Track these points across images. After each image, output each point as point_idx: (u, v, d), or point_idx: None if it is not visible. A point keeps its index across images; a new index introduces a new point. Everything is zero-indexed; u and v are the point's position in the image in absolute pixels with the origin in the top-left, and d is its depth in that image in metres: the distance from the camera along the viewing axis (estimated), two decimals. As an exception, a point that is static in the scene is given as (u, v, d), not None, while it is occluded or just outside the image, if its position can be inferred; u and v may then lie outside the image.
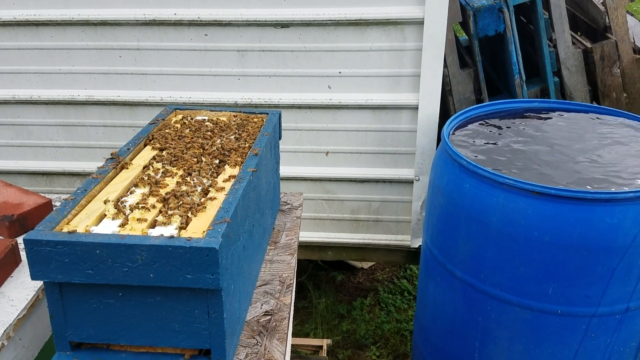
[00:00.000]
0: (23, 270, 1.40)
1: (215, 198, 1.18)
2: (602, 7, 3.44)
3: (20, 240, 1.53)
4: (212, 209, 1.15)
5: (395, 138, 2.41)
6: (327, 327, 2.85)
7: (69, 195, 1.15)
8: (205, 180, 1.27)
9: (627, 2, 3.21)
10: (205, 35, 2.30)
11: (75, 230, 1.03)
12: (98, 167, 1.27)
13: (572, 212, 1.63)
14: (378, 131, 2.41)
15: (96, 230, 1.06)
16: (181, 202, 1.14)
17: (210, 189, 1.23)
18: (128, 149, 1.38)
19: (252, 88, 2.38)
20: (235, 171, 1.31)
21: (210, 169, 1.32)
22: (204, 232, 1.06)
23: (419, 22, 2.18)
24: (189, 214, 1.11)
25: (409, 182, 2.47)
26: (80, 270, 1.01)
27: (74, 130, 2.53)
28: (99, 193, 1.20)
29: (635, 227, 1.61)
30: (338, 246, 2.67)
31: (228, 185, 1.25)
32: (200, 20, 2.27)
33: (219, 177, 1.29)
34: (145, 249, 0.99)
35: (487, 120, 2.16)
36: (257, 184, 1.34)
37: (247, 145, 1.45)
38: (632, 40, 3.34)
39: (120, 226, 1.08)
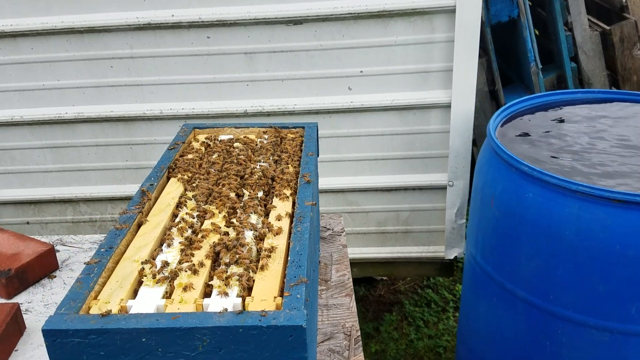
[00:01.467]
0: (30, 341, 1.14)
1: (275, 247, 0.93)
2: (616, -14, 3.25)
3: (21, 299, 1.26)
4: (275, 261, 0.90)
5: (424, 140, 2.18)
6: (355, 349, 2.61)
7: (91, 257, 0.89)
8: (255, 221, 1.02)
9: (646, -21, 3.03)
10: (208, 37, 2.04)
11: (110, 310, 0.77)
12: (120, 213, 1.01)
13: (661, 221, 1.42)
14: (405, 134, 2.18)
15: (135, 306, 0.80)
16: (237, 257, 0.89)
17: (265, 231, 0.99)
18: (151, 184, 1.12)
19: (263, 94, 2.13)
20: (288, 206, 1.07)
21: (257, 205, 1.07)
22: (275, 297, 0.81)
23: (450, 11, 1.95)
24: (250, 272, 0.87)
25: (442, 188, 2.25)
26: (120, 366, 0.75)
27: (63, 152, 2.24)
28: (126, 249, 0.94)
29: None
30: (364, 262, 2.44)
31: (285, 226, 1.00)
32: (202, 21, 2.00)
33: (270, 215, 1.04)
34: (207, 332, 0.74)
35: (535, 115, 1.94)
36: (313, 218, 1.10)
37: (291, 169, 1.20)
38: (650, 20, 3.17)
39: (165, 297, 0.83)
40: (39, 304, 1.26)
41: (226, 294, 0.82)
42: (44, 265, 1.33)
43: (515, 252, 1.67)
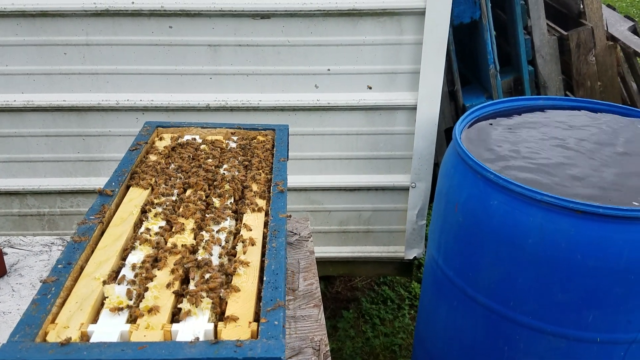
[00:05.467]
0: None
1: (247, 263, 0.89)
2: (574, -8, 3.32)
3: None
4: (249, 280, 0.86)
5: (389, 141, 2.17)
6: (312, 347, 2.60)
7: (47, 275, 0.82)
8: (225, 235, 0.97)
9: (603, -12, 3.10)
10: (170, 27, 1.95)
11: (70, 338, 0.71)
12: (77, 223, 0.94)
13: (620, 233, 1.45)
14: (371, 134, 2.15)
15: (97, 332, 0.75)
16: (208, 276, 0.84)
17: (237, 246, 0.94)
18: (112, 190, 1.05)
19: (227, 88, 2.06)
20: (261, 217, 1.02)
21: (228, 216, 1.01)
22: (250, 322, 0.77)
23: (420, 13, 1.93)
24: (221, 294, 0.82)
25: (404, 189, 2.24)
26: (81, 399, 0.69)
27: (10, 142, 2.10)
28: (85, 264, 0.88)
29: (687, 246, 1.46)
30: (324, 261, 2.41)
31: (258, 238, 0.96)
32: (164, 10, 1.91)
33: (241, 227, 0.99)
34: (178, 364, 0.69)
35: (500, 120, 1.95)
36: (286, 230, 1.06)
37: (263, 175, 1.15)
38: (605, 27, 3.26)
39: (130, 321, 0.77)
40: (-15, 314, 1.17)
41: (194, 315, 0.77)
42: (-10, 271, 1.24)
43: (477, 258, 1.68)
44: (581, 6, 3.22)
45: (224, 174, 1.15)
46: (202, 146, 1.27)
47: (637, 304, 1.53)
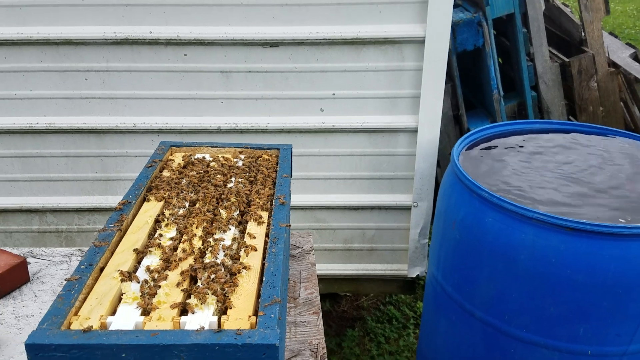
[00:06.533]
0: (1, 353, 1.15)
1: (250, 265, 0.98)
2: (576, 20, 3.43)
3: None
4: (250, 281, 0.95)
5: (391, 162, 2.26)
6: (318, 364, 2.66)
7: (72, 274, 0.92)
8: (230, 241, 1.06)
9: (602, 16, 3.21)
10: (185, 55, 2.08)
11: (91, 326, 0.81)
12: (99, 231, 1.04)
13: (608, 249, 1.53)
14: (374, 155, 2.25)
15: (114, 322, 0.84)
16: (213, 276, 0.94)
17: (240, 252, 1.03)
18: (129, 202, 1.15)
19: (238, 112, 2.18)
20: (263, 226, 1.12)
21: (233, 225, 1.11)
22: (250, 316, 0.86)
23: (420, 41, 2.04)
24: (225, 292, 0.91)
25: (406, 209, 2.33)
26: (100, 380, 0.79)
27: (32, 162, 2.23)
28: (106, 266, 0.98)
29: (672, 262, 1.53)
30: (329, 278, 2.49)
31: (260, 245, 1.05)
32: (180, 39, 2.04)
33: (245, 235, 1.09)
34: (185, 349, 0.78)
35: (497, 142, 2.04)
36: (287, 239, 1.15)
37: (266, 190, 1.25)
38: (606, 54, 3.35)
39: (143, 314, 0.87)
40: (10, 316, 1.27)
41: (200, 309, 0.86)
42: (15, 278, 1.34)
43: (474, 274, 1.76)
44: (582, 34, 3.33)
45: (231, 188, 1.25)
46: (212, 164, 1.37)
47: (625, 317, 1.59)
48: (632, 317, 1.59)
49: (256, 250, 1.04)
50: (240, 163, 1.39)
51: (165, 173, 1.31)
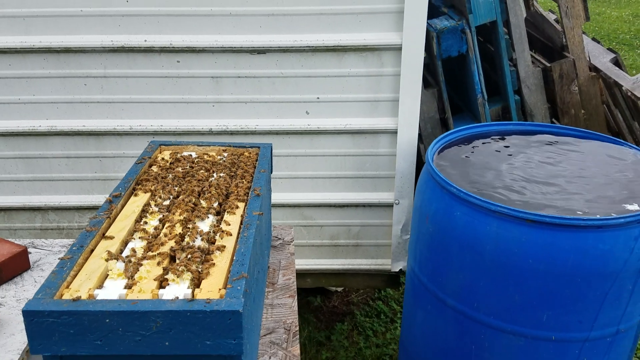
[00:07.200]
0: (3, 330, 1.28)
1: (223, 247, 1.11)
2: (558, 27, 3.56)
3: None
4: (223, 260, 1.07)
5: (374, 162, 2.39)
6: (307, 357, 2.78)
7: (64, 253, 1.05)
8: (208, 227, 1.19)
9: (582, 22, 3.33)
10: (178, 61, 2.21)
11: (80, 296, 0.93)
12: (90, 218, 1.17)
13: (566, 240, 1.64)
14: (357, 155, 2.38)
15: (101, 294, 0.97)
16: (190, 256, 1.06)
17: (216, 236, 1.16)
18: (119, 194, 1.28)
19: (228, 114, 2.31)
20: (239, 215, 1.24)
21: (212, 214, 1.24)
22: (220, 289, 0.98)
23: (397, 48, 2.17)
24: (200, 269, 1.04)
25: (389, 206, 2.45)
26: (87, 342, 0.91)
27: (35, 163, 2.37)
28: (95, 248, 1.10)
29: (626, 252, 1.64)
30: (317, 273, 2.61)
31: (234, 231, 1.18)
32: (173, 47, 2.18)
33: (222, 222, 1.21)
34: (160, 316, 0.91)
35: (470, 143, 2.16)
36: (260, 227, 1.28)
37: (244, 184, 1.38)
38: (588, 58, 3.47)
39: (126, 287, 0.99)
40: (12, 299, 1.40)
41: (177, 283, 0.99)
42: (17, 265, 1.47)
43: (445, 265, 1.88)
44: (564, 40, 3.45)
45: (212, 181, 1.38)
46: (197, 159, 1.50)
47: (586, 305, 1.70)
48: (592, 304, 1.71)
49: (231, 235, 1.17)
50: (223, 160, 1.52)
51: (154, 169, 1.44)
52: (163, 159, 1.51)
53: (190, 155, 1.54)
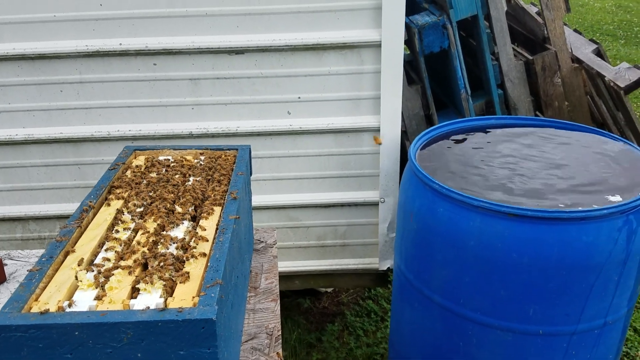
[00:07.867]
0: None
1: (198, 253, 1.08)
2: (539, 19, 3.55)
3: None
4: (197, 267, 1.05)
5: (358, 161, 2.37)
6: (298, 359, 2.76)
7: (33, 265, 1.02)
8: (182, 234, 1.16)
9: (563, 14, 3.33)
10: (154, 64, 2.18)
11: (48, 309, 0.90)
12: (60, 227, 1.14)
13: (549, 233, 1.63)
14: (341, 155, 2.36)
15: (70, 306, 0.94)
16: (162, 263, 1.04)
17: (191, 242, 1.13)
18: (91, 202, 1.25)
19: (208, 117, 2.28)
20: (215, 219, 1.22)
21: (187, 219, 1.21)
22: (193, 297, 0.96)
23: (376, 45, 2.15)
24: (173, 277, 1.01)
25: (375, 205, 2.43)
26: (57, 356, 0.89)
27: (13, 172, 2.33)
28: (65, 259, 1.07)
29: (610, 243, 1.63)
30: (305, 274, 2.59)
31: (210, 236, 1.15)
32: (149, 50, 2.14)
33: (197, 227, 1.19)
34: (131, 327, 0.88)
35: (453, 139, 2.15)
36: (238, 231, 1.25)
37: (221, 187, 1.35)
38: (570, 50, 3.47)
39: (96, 299, 0.97)
40: (-14, 313, 1.36)
41: (149, 292, 0.96)
42: (-8, 277, 1.43)
43: (430, 261, 1.86)
44: (545, 32, 3.45)
45: (187, 186, 1.35)
46: (173, 164, 1.47)
47: (572, 298, 1.69)
48: (578, 297, 1.70)
49: (207, 240, 1.14)
50: (200, 163, 1.50)
51: (128, 174, 1.41)
52: (137, 164, 1.48)
53: (167, 159, 1.51)
